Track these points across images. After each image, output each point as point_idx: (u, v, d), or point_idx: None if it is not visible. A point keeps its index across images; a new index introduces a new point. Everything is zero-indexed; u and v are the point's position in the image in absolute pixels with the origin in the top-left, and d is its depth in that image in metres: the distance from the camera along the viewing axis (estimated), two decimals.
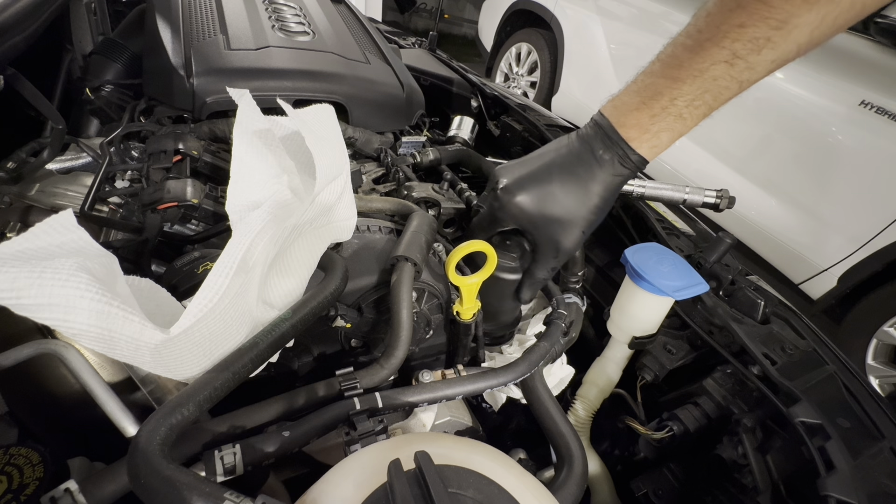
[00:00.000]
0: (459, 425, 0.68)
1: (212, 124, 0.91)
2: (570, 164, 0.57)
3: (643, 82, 0.51)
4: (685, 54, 0.47)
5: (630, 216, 0.99)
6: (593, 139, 0.55)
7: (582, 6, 3.12)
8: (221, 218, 0.76)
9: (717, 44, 0.45)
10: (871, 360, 1.92)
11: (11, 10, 0.74)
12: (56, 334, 0.56)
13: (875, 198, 1.87)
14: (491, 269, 0.60)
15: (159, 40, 0.94)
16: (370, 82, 1.06)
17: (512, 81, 3.76)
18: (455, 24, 6.68)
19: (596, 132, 0.55)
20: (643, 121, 0.52)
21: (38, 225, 0.40)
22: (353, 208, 0.70)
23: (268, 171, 0.59)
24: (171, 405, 0.42)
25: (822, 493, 0.52)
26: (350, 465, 0.41)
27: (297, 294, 0.60)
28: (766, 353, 0.69)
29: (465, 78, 1.53)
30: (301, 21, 1.17)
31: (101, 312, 0.38)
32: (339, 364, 0.59)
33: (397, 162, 1.02)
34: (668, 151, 0.55)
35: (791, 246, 2.11)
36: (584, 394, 0.82)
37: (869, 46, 1.97)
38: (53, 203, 0.79)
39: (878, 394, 0.69)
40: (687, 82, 0.48)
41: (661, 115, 0.51)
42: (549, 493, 0.43)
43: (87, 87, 1.03)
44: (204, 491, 0.35)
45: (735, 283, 0.82)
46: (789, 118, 2.11)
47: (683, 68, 0.48)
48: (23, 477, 0.42)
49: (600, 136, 0.55)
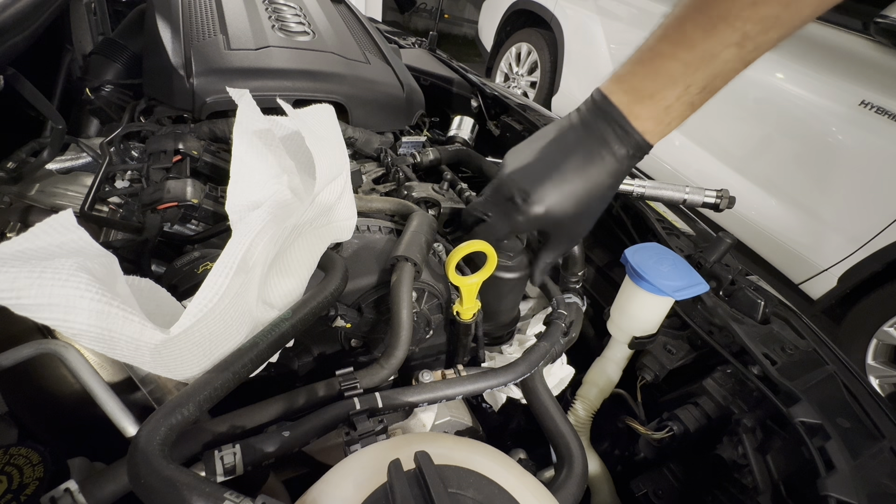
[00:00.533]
0: (459, 425, 0.68)
1: (212, 124, 0.91)
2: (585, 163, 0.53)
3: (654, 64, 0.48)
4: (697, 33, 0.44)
5: (630, 216, 0.99)
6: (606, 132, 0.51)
7: (582, 6, 3.12)
8: (221, 218, 0.76)
9: (731, 24, 0.43)
10: (871, 360, 1.92)
11: (11, 10, 0.74)
12: (56, 334, 0.56)
13: (875, 198, 1.87)
14: (491, 268, 0.60)
15: (159, 40, 0.94)
16: (370, 82, 1.06)
17: (512, 81, 3.76)
18: (455, 24, 6.68)
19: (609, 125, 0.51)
20: (658, 113, 0.49)
21: (38, 225, 0.40)
22: (353, 208, 0.70)
23: (268, 171, 0.59)
24: (171, 405, 0.42)
25: (822, 493, 0.52)
26: (350, 465, 0.41)
27: (297, 294, 0.60)
28: (766, 353, 0.69)
29: (465, 78, 1.53)
30: (301, 21, 1.17)
31: (101, 312, 0.38)
32: (339, 364, 0.59)
33: (397, 162, 1.02)
34: (668, 151, 0.54)
35: (791, 246, 2.11)
36: (584, 394, 0.82)
37: (869, 46, 1.97)
38: (53, 203, 0.79)
39: (878, 394, 0.69)
40: (700, 68, 0.45)
41: (675, 105, 0.48)
42: (549, 493, 0.43)
43: (87, 87, 1.03)
44: (204, 491, 0.35)
45: (735, 283, 0.82)
46: (789, 118, 2.11)
47: (696, 50, 0.45)
48: (23, 477, 0.42)
49: (613, 128, 0.50)
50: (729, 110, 2.26)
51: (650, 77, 0.48)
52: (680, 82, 0.46)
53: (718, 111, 2.27)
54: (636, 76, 0.49)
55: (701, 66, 0.45)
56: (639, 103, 0.49)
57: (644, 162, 2.19)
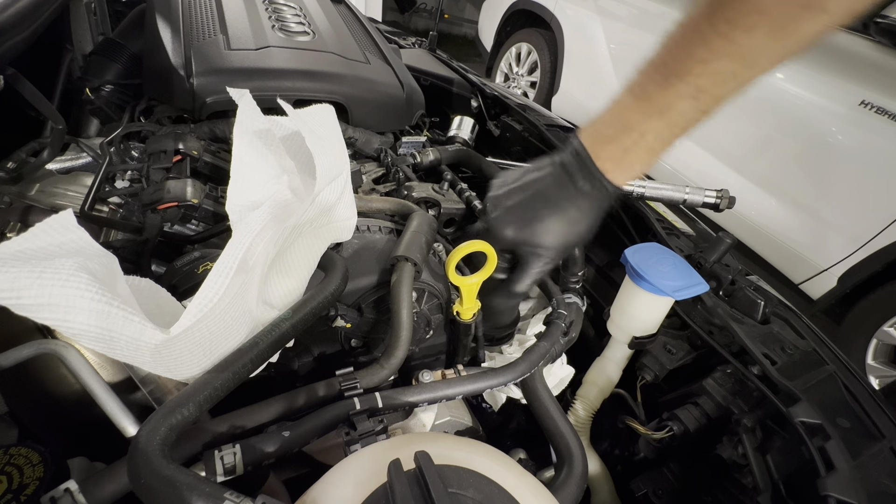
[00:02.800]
0: (459, 425, 0.68)
1: (212, 124, 0.91)
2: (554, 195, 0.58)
3: (616, 113, 0.53)
4: (652, 87, 0.49)
5: (630, 216, 0.99)
6: (574, 168, 0.56)
7: (582, 6, 3.12)
8: (221, 218, 0.76)
9: (682, 79, 0.46)
10: (871, 360, 1.92)
11: (11, 10, 0.74)
12: (56, 334, 0.56)
13: (875, 198, 1.87)
14: (491, 269, 0.60)
15: (159, 40, 0.94)
16: (370, 82, 1.06)
17: (512, 81, 3.76)
18: (455, 24, 6.67)
19: (576, 161, 0.56)
20: (616, 154, 0.53)
21: (38, 225, 0.40)
22: (353, 208, 0.70)
23: (268, 171, 0.59)
24: (171, 405, 0.42)
25: (822, 493, 0.52)
26: (350, 465, 0.41)
27: (297, 294, 0.60)
28: (766, 353, 0.69)
29: (465, 78, 1.53)
30: (301, 21, 1.17)
31: (101, 312, 0.38)
32: (339, 364, 0.59)
33: (397, 162, 1.02)
34: (669, 151, 0.55)
35: (791, 246, 2.11)
36: (584, 394, 0.82)
37: (869, 46, 1.97)
38: (53, 203, 0.79)
39: (879, 394, 0.69)
40: (654, 117, 0.50)
41: (632, 149, 0.52)
42: (549, 493, 0.43)
43: (87, 87, 1.03)
44: (204, 491, 0.35)
45: (735, 283, 0.82)
46: (789, 118, 2.11)
47: (652, 102, 0.49)
48: (23, 477, 0.42)
49: (580, 165, 0.56)
50: (729, 110, 2.22)
51: (612, 123, 0.53)
52: (636, 129, 0.51)
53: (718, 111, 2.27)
54: (602, 122, 0.54)
55: (655, 115, 0.50)
56: (600, 146, 0.54)
57: None
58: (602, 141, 0.54)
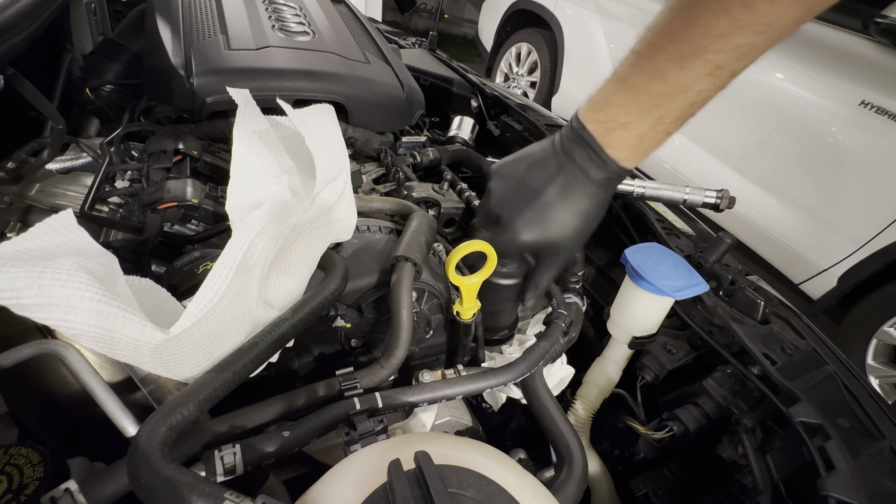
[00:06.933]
0: (459, 425, 0.68)
1: (212, 124, 0.91)
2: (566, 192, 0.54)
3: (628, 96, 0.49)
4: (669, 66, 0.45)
5: (630, 216, 0.99)
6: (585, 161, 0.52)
7: (582, 6, 3.12)
8: (221, 218, 0.76)
9: (702, 57, 0.43)
10: (871, 360, 1.92)
11: (11, 10, 0.74)
12: (56, 334, 0.56)
13: (875, 198, 1.87)
14: (491, 269, 0.60)
15: (159, 40, 0.94)
16: (370, 82, 1.06)
17: (512, 81, 3.76)
18: (455, 24, 6.67)
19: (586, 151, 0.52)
20: (633, 141, 0.50)
21: (38, 225, 0.40)
22: (353, 208, 0.70)
23: (268, 171, 0.59)
24: (171, 405, 0.42)
25: (822, 493, 0.52)
26: (350, 465, 0.41)
27: (297, 294, 0.59)
28: (766, 353, 0.69)
29: (465, 78, 1.53)
30: (301, 21, 1.17)
31: (101, 312, 0.38)
32: (339, 364, 0.59)
33: (397, 162, 1.02)
34: (668, 151, 0.55)
35: (791, 246, 2.11)
36: (584, 394, 0.82)
37: (869, 46, 1.97)
38: (53, 203, 0.79)
39: (879, 394, 0.69)
40: (674, 99, 0.46)
41: (649, 133, 0.49)
42: (549, 493, 0.43)
43: (87, 87, 1.03)
44: (204, 491, 0.35)
45: (735, 283, 0.82)
46: (789, 118, 2.11)
47: (669, 83, 0.46)
48: (23, 477, 0.42)
49: (590, 156, 0.52)
50: (729, 110, 2.26)
51: (624, 108, 0.49)
52: (653, 113, 0.47)
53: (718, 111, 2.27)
54: (611, 106, 0.50)
55: (675, 97, 0.46)
56: (612, 133, 0.50)
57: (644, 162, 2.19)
58: (613, 126, 0.50)
